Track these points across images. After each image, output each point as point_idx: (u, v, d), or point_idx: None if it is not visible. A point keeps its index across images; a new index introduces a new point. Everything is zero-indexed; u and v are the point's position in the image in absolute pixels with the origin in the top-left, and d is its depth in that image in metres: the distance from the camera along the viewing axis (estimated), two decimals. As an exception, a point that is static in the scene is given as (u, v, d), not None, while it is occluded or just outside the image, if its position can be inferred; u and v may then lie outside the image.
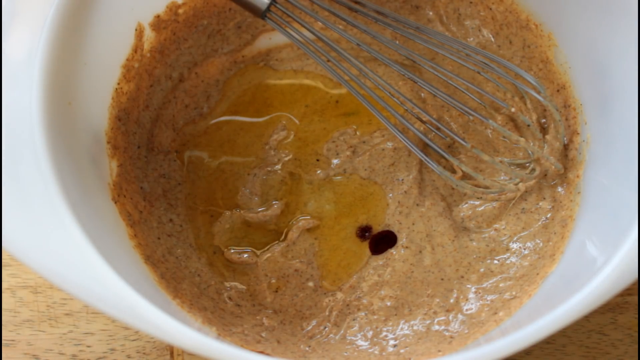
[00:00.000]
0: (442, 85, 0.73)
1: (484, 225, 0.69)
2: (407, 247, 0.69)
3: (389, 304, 0.67)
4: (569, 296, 0.50)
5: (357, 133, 0.73)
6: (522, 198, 0.69)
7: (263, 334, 0.64)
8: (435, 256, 0.69)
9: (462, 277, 0.68)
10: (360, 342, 0.65)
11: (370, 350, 0.65)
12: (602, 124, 0.64)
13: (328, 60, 0.69)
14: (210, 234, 0.70)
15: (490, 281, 0.67)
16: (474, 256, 0.69)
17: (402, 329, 0.66)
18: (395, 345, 0.65)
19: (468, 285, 0.67)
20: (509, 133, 0.68)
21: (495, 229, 0.69)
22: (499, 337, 0.53)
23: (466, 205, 0.70)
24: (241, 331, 0.63)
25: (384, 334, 0.66)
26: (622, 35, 0.59)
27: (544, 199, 0.69)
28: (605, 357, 0.67)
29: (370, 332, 0.66)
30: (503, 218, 0.69)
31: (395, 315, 0.67)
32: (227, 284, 0.68)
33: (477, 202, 0.70)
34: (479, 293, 0.67)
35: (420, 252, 0.69)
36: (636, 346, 0.67)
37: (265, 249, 0.70)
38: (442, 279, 0.68)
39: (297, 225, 0.70)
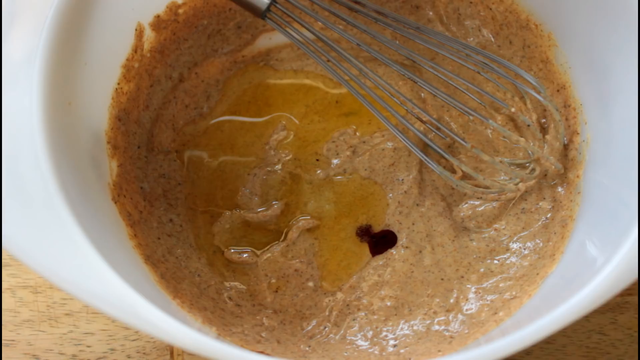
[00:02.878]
0: (442, 85, 0.73)
1: (484, 225, 0.69)
2: (407, 247, 0.69)
3: (389, 304, 0.67)
4: (569, 296, 0.50)
5: (357, 133, 0.73)
6: (522, 198, 0.69)
7: (263, 334, 0.64)
8: (435, 256, 0.69)
9: (462, 277, 0.68)
10: (360, 342, 0.65)
11: (370, 350, 0.65)
12: (602, 124, 0.64)
13: (328, 60, 0.69)
14: (210, 234, 0.70)
15: (490, 281, 0.67)
16: (474, 256, 0.69)
17: (402, 329, 0.66)
18: (395, 345, 0.65)
19: (468, 285, 0.67)
20: (509, 133, 0.68)
21: (495, 229, 0.69)
22: (499, 337, 0.53)
23: (466, 205, 0.70)
24: (241, 331, 0.63)
25: (384, 334, 0.66)
26: (622, 35, 0.59)
27: (544, 199, 0.69)
28: (605, 357, 0.67)
29: (370, 332, 0.66)
30: (503, 218, 0.69)
31: (395, 315, 0.67)
32: (227, 284, 0.68)
33: (477, 202, 0.70)
34: (479, 293, 0.67)
35: (420, 252, 0.69)
36: (636, 346, 0.67)
37: (265, 249, 0.70)
38: (442, 279, 0.68)
39: (297, 225, 0.70)
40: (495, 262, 0.68)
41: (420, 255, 0.69)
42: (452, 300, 0.67)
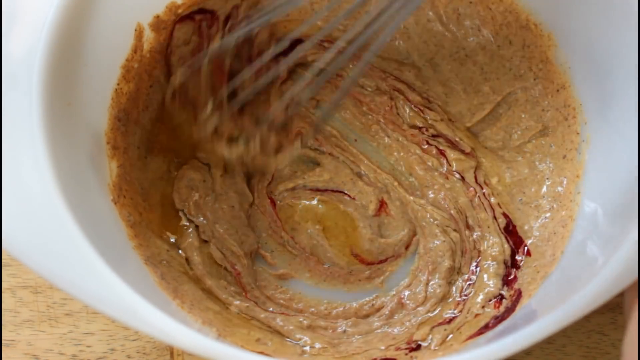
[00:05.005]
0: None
1: (484, 225, 0.70)
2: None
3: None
4: (569, 296, 0.50)
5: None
6: (522, 195, 0.70)
7: (263, 335, 0.64)
8: (435, 256, 0.69)
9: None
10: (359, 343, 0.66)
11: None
12: (602, 124, 0.64)
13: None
14: (210, 234, 0.70)
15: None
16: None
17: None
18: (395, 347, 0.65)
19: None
20: None
21: (495, 229, 0.69)
22: (499, 337, 0.53)
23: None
24: (241, 331, 0.63)
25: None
26: (622, 35, 0.59)
27: (544, 198, 0.69)
28: (605, 357, 0.67)
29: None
30: (503, 218, 0.70)
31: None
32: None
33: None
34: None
35: (420, 252, 0.69)
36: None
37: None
38: (442, 279, 0.68)
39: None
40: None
41: (420, 255, 0.69)
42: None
